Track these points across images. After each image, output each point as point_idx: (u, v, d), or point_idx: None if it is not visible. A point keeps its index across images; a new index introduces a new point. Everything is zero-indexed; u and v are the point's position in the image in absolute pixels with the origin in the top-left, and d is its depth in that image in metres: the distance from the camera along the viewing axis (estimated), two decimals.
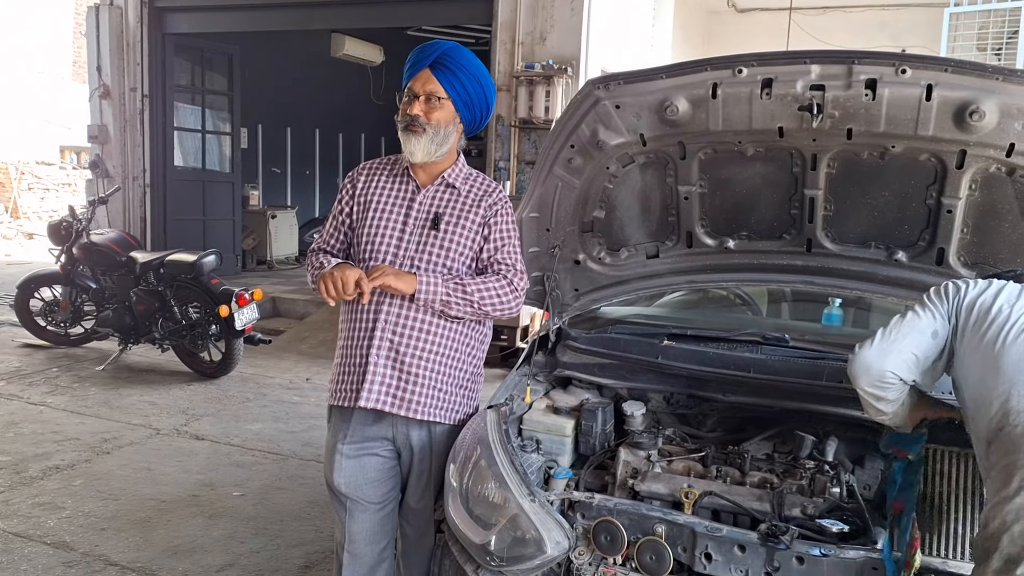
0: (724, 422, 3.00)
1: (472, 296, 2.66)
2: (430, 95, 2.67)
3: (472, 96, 2.74)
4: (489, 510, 2.48)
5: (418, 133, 2.67)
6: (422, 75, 2.69)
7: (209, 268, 7.33)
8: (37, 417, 6.18)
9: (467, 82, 2.72)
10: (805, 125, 2.68)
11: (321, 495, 4.55)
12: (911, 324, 2.23)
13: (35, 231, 16.99)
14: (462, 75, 2.70)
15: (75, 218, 7.87)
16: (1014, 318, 2.08)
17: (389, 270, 2.60)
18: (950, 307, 2.23)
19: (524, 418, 2.92)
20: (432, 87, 2.67)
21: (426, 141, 2.68)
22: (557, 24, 8.45)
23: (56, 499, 4.73)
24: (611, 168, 3.12)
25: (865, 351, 2.22)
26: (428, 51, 2.71)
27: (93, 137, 10.92)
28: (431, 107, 2.67)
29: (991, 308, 2.14)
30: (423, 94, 2.67)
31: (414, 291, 2.60)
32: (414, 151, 2.70)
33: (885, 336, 2.22)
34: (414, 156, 2.71)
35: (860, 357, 2.21)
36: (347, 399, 2.72)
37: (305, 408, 6.71)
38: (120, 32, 10.61)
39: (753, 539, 2.26)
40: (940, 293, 2.26)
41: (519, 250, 2.85)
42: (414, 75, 2.70)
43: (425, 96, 2.67)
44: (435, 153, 2.71)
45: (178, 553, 4.15)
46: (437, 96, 2.67)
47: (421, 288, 2.60)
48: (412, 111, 2.67)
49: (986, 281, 2.24)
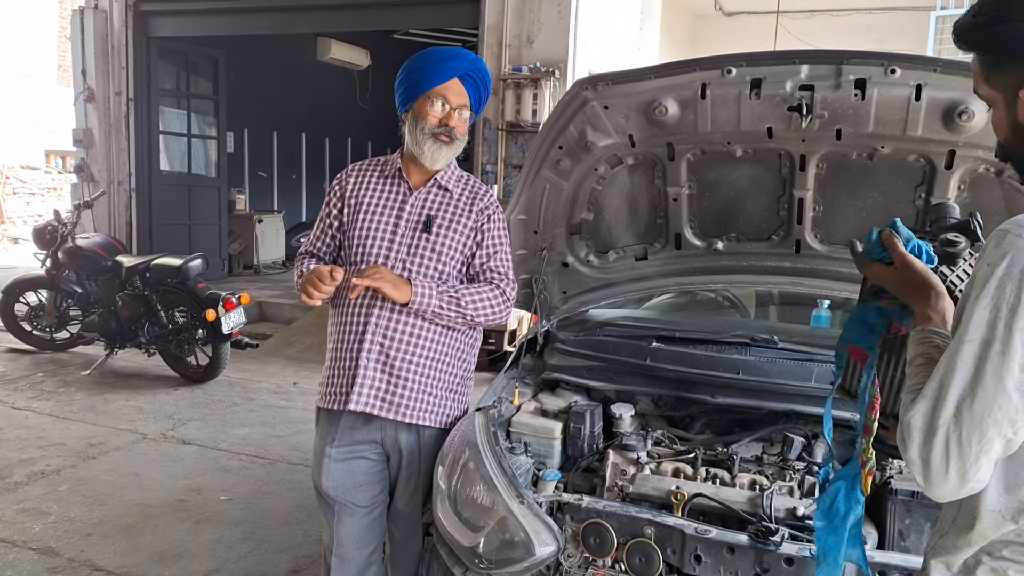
0: (713, 424, 3.00)
1: (466, 308, 2.66)
2: (463, 109, 2.69)
3: (480, 110, 2.80)
4: (477, 512, 2.47)
5: (447, 143, 2.68)
6: (454, 85, 2.66)
7: (195, 272, 7.31)
8: (22, 422, 6.13)
9: (484, 98, 2.78)
10: (794, 126, 2.68)
11: (309, 499, 4.53)
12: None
13: (20, 235, 16.88)
14: (484, 92, 2.77)
15: (60, 222, 7.82)
16: None
17: (388, 276, 2.58)
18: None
19: (512, 420, 2.90)
20: (465, 101, 2.69)
21: (452, 151, 2.71)
22: (544, 27, 8.45)
23: (41, 505, 4.68)
24: (599, 170, 3.11)
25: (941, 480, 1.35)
26: (461, 61, 2.69)
27: (78, 141, 10.87)
28: (462, 120, 2.70)
29: None
30: (457, 106, 2.67)
31: (408, 300, 2.59)
32: (438, 160, 2.69)
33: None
34: (437, 164, 2.71)
35: (938, 488, 1.36)
36: (336, 402, 2.70)
37: (292, 412, 6.68)
38: (105, 36, 10.56)
39: (743, 541, 2.26)
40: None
41: (510, 257, 2.86)
42: (443, 81, 2.65)
43: (458, 108, 2.68)
44: (451, 161, 2.76)
45: (165, 558, 4.11)
46: (466, 110, 2.70)
47: (415, 299, 2.59)
48: (449, 122, 2.66)
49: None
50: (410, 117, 2.71)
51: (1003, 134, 1.49)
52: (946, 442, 1.31)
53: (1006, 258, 1.30)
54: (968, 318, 1.32)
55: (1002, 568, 1.42)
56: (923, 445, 1.33)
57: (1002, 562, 1.42)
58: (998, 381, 1.28)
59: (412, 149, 2.71)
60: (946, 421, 1.31)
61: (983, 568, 1.43)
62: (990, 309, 1.29)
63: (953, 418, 1.31)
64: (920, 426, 1.34)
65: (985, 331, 1.29)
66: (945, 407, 1.32)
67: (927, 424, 1.33)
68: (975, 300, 1.31)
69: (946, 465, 1.31)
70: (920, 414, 1.34)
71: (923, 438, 1.33)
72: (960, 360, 1.31)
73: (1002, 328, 1.28)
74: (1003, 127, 1.48)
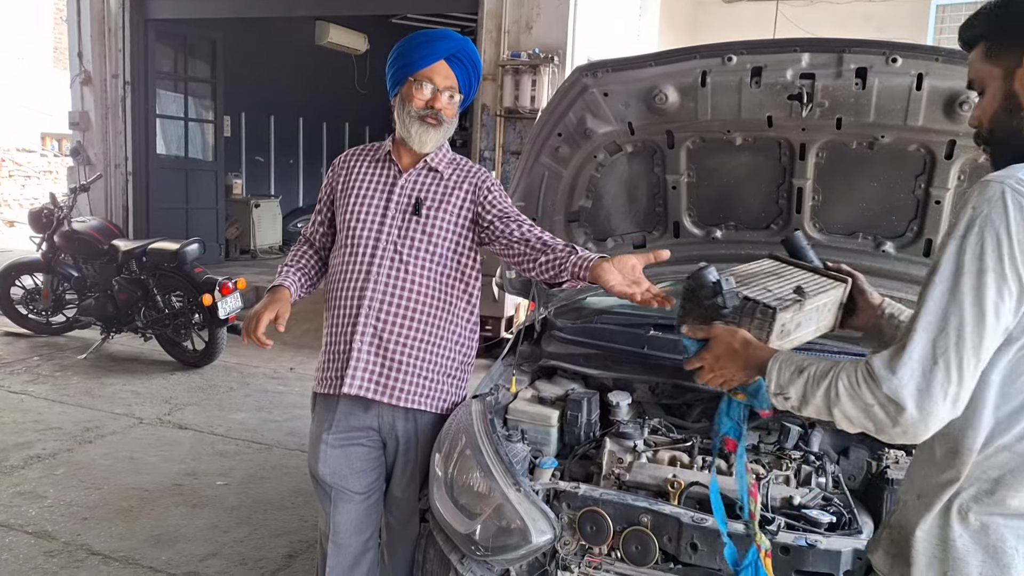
0: (710, 412, 2.99)
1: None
2: (450, 91, 2.66)
3: (471, 93, 2.75)
4: (474, 499, 2.47)
5: (435, 126, 2.65)
6: (440, 68, 2.64)
7: (192, 257, 7.29)
8: (18, 406, 6.13)
9: (474, 80, 2.73)
10: (794, 114, 2.68)
11: (305, 484, 4.53)
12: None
13: (16, 219, 16.83)
14: (473, 73, 2.71)
15: (56, 206, 7.79)
16: None
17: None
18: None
19: (509, 408, 2.90)
20: (452, 83, 2.65)
21: (440, 134, 2.68)
22: (543, 13, 8.41)
23: (38, 488, 4.68)
24: (598, 157, 3.10)
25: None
26: (448, 42, 2.66)
27: (74, 124, 10.81)
28: (451, 103, 2.66)
29: None
30: (444, 88, 2.64)
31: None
32: (426, 142, 2.67)
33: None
34: (425, 147, 2.68)
35: (933, 416, 1.45)
36: (332, 386, 2.70)
37: (289, 397, 6.68)
38: (101, 18, 10.48)
39: (739, 529, 2.26)
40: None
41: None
42: (429, 63, 2.63)
43: (446, 91, 2.65)
44: (440, 144, 2.72)
45: (161, 542, 4.12)
46: (454, 91, 2.67)
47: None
48: (435, 104, 2.64)
49: None
50: (398, 100, 2.70)
51: (989, 112, 1.61)
52: (947, 368, 1.42)
53: (993, 203, 1.42)
54: (961, 254, 1.43)
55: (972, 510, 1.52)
56: (923, 376, 1.43)
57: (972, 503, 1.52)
58: (992, 308, 1.41)
59: (401, 132, 2.70)
60: (947, 347, 1.42)
61: (957, 506, 1.53)
62: (978, 244, 1.41)
63: (955, 344, 1.41)
64: (920, 357, 1.43)
65: (977, 263, 1.41)
66: (947, 335, 1.42)
67: (928, 354, 1.43)
68: (962, 238, 1.43)
69: (945, 391, 1.42)
70: (919, 347, 1.44)
71: (923, 368, 1.43)
72: (960, 291, 1.42)
73: (992, 260, 1.40)
74: (991, 106, 1.60)
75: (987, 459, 1.51)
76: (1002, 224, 1.40)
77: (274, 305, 2.67)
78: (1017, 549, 1.50)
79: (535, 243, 2.53)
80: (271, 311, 2.64)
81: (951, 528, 1.53)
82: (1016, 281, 1.40)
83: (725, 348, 1.80)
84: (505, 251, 2.63)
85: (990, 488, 1.51)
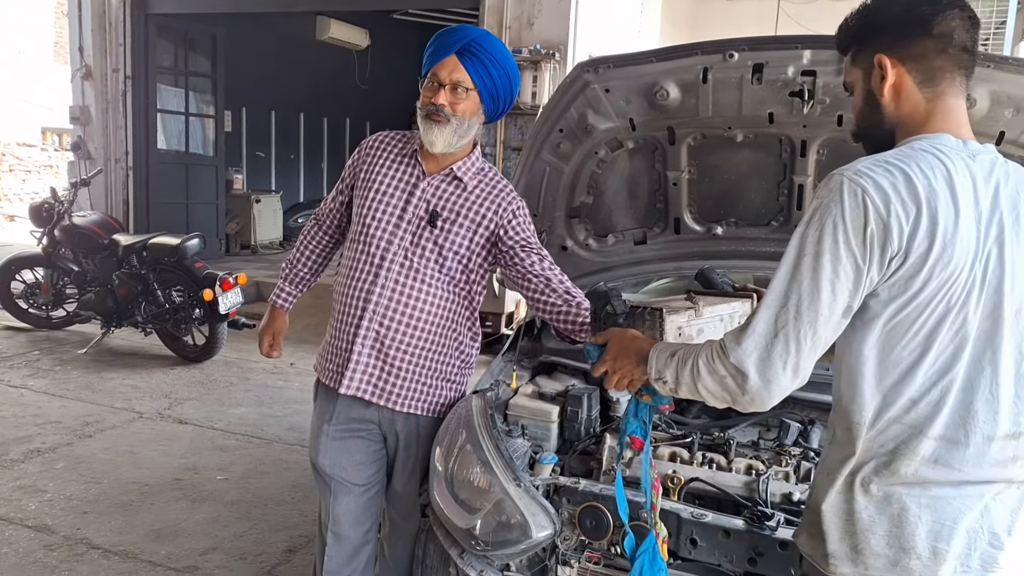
0: (709, 408, 3.00)
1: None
2: (457, 84, 2.54)
3: (499, 87, 2.60)
4: (474, 494, 2.47)
5: (441, 123, 2.55)
6: (448, 62, 2.54)
7: (192, 252, 7.29)
8: (18, 400, 6.14)
9: (495, 72, 2.57)
10: (795, 111, 2.68)
11: (305, 479, 4.54)
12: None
13: (16, 213, 16.81)
14: (491, 64, 2.56)
15: (57, 200, 7.77)
16: None
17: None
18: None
19: (509, 403, 2.90)
20: (459, 76, 2.53)
21: (448, 132, 2.56)
22: (545, 9, 8.40)
23: (38, 482, 4.69)
24: (599, 153, 3.10)
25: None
26: (455, 36, 2.56)
27: (75, 118, 10.80)
28: (457, 97, 2.54)
29: None
30: (449, 83, 2.54)
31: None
32: (434, 141, 2.57)
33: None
34: (434, 147, 2.59)
35: (775, 384, 1.65)
36: (333, 379, 2.71)
37: (289, 392, 6.68)
38: (102, 12, 10.46)
39: (738, 525, 2.26)
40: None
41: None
42: (438, 60, 2.55)
43: (451, 85, 2.54)
44: (455, 144, 2.61)
45: (161, 536, 4.13)
46: (464, 86, 2.55)
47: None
48: (437, 100, 2.53)
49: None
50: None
51: (857, 110, 1.79)
52: (786, 340, 1.58)
53: (832, 193, 1.56)
54: (804, 239, 1.59)
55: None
56: (765, 347, 1.60)
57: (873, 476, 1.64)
58: (828, 287, 1.56)
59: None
60: (786, 322, 1.58)
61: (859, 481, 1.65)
62: (818, 230, 1.56)
63: (794, 319, 1.58)
64: (763, 331, 1.60)
65: (816, 247, 1.56)
66: (787, 310, 1.59)
67: (771, 328, 1.60)
68: (806, 224, 1.59)
69: (784, 361, 1.58)
70: (763, 321, 1.61)
71: (766, 340, 1.60)
72: (800, 272, 1.58)
73: (828, 243, 1.55)
74: (858, 104, 1.78)
75: (881, 433, 1.62)
76: (838, 210, 1.54)
77: (269, 329, 3.08)
78: (920, 516, 1.59)
79: (556, 286, 2.61)
80: (268, 335, 3.07)
81: (855, 501, 1.64)
82: (851, 261, 1.54)
83: (619, 346, 1.98)
84: (520, 280, 2.65)
85: (888, 460, 1.61)
